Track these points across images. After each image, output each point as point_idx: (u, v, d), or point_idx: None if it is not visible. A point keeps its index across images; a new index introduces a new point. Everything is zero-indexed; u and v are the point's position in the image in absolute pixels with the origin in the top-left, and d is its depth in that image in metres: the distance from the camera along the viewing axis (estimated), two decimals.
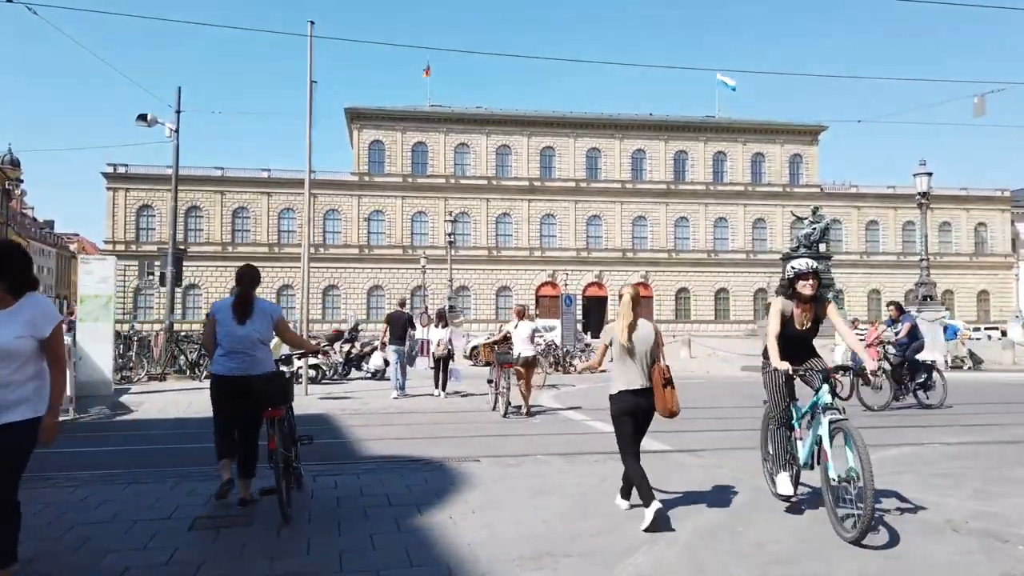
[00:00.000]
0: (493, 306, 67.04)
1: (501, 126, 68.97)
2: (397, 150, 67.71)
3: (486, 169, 68.42)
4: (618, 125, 70.08)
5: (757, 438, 5.93)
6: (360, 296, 66.06)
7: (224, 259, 64.40)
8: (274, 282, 64.96)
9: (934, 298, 24.03)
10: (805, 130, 71.49)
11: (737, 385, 16.74)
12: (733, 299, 69.63)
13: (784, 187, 69.91)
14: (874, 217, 71.82)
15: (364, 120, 67.54)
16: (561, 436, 9.31)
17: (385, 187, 66.88)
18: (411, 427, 10.00)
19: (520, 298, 67.25)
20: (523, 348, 11.48)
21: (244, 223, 65.89)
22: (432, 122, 68.27)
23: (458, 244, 67.69)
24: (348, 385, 16.50)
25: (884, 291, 70.92)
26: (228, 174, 65.61)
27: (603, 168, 69.96)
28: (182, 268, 20.33)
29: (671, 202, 69.80)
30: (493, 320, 63.71)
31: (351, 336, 19.67)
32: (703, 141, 70.70)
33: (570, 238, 68.55)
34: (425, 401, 13.35)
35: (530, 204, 68.51)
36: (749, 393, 13.68)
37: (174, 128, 19.43)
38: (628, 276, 68.70)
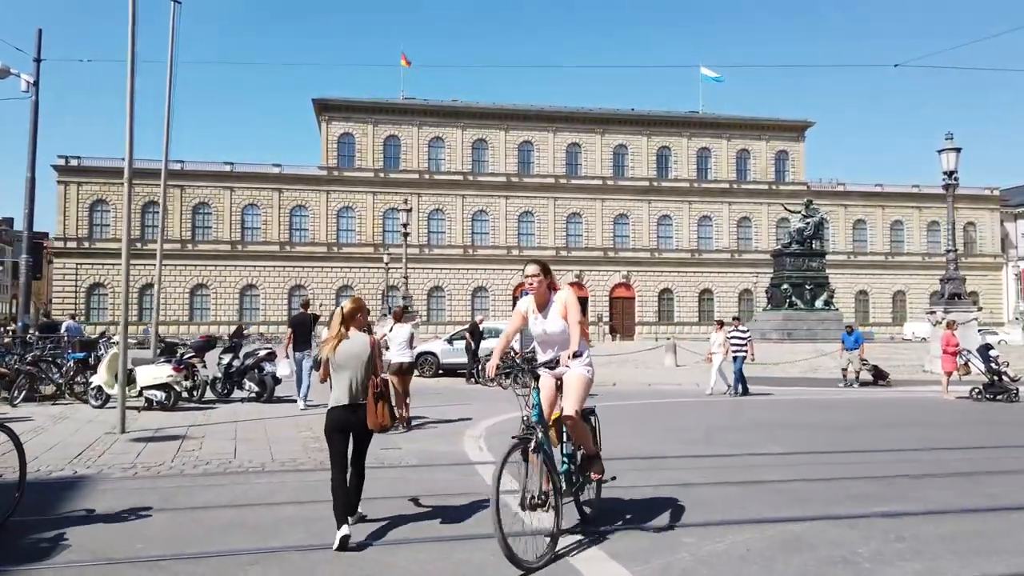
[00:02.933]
0: (469, 307, 64.22)
1: (477, 119, 66.23)
2: (368, 144, 64.72)
3: (461, 164, 65.64)
4: (599, 119, 67.63)
5: None
6: (329, 295, 62.92)
7: (184, 257, 61.15)
8: (237, 282, 61.74)
9: (963, 296, 21.22)
10: (791, 126, 69.51)
11: (737, 405, 13.87)
12: (718, 300, 67.40)
13: (770, 185, 67.83)
14: (861, 216, 69.99)
15: (333, 112, 64.49)
16: None
17: (355, 182, 63.88)
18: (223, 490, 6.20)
19: (497, 300, 64.60)
20: (398, 354, 10.34)
21: (205, 219, 62.53)
22: (405, 114, 65.38)
23: (432, 243, 65.01)
24: (215, 411, 12.09)
25: (872, 292, 69.11)
26: (188, 168, 62.17)
27: (583, 164, 67.46)
28: (42, 258, 16.89)
29: (654, 200, 67.45)
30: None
31: (233, 343, 14.72)
32: (687, 137, 68.44)
33: (549, 237, 65.95)
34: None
35: (507, 201, 65.82)
36: (757, 419, 10.89)
37: (32, 80, 15.57)
38: (609, 276, 66.34)
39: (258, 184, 62.86)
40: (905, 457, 7.38)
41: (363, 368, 5.13)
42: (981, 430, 10.25)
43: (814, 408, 12.58)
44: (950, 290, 21.18)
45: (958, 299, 21.12)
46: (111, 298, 59.90)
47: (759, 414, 11.41)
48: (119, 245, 62.15)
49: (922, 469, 6.70)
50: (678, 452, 7.68)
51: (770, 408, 12.69)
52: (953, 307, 20.93)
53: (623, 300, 66.72)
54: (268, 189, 63.08)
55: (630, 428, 9.48)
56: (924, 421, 11.00)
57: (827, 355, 23.46)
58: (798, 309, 36.46)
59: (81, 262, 59.93)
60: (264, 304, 62.14)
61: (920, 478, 6.21)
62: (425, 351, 20.16)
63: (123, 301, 10.40)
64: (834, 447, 8.08)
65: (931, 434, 9.36)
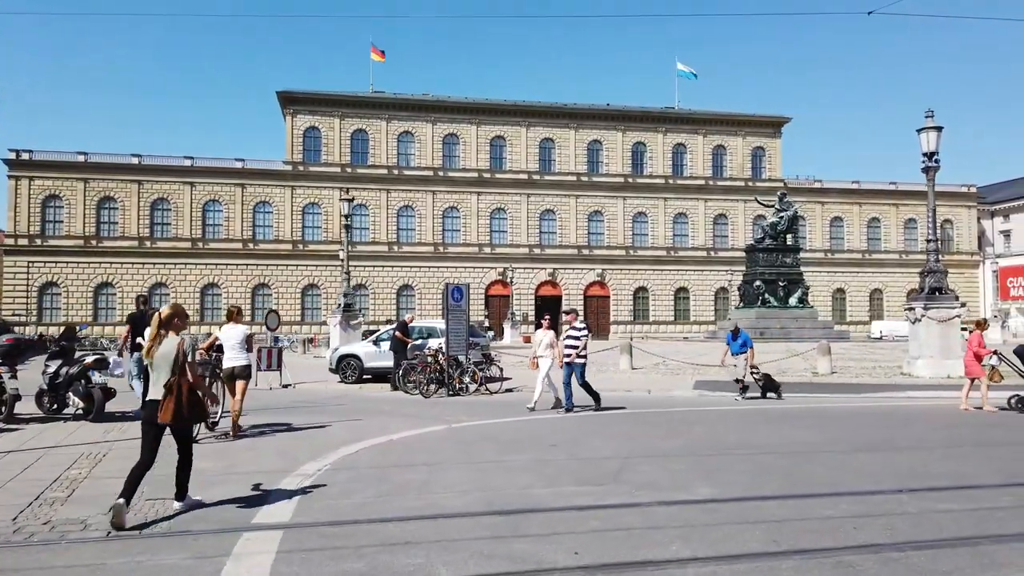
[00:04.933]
0: (440, 307, 62.33)
1: (448, 114, 64.48)
2: (335, 138, 62.74)
3: (432, 160, 63.85)
4: (573, 114, 66.13)
5: None
6: (293, 296, 60.99)
7: (143, 255, 58.89)
8: (198, 281, 59.53)
9: (945, 291, 19.33)
10: (768, 122, 68.47)
11: (688, 416, 11.70)
12: (693, 299, 66.20)
13: (746, 181, 66.71)
14: (838, 213, 69.13)
15: (299, 105, 62.44)
16: None
17: (322, 178, 61.87)
18: None
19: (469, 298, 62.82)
20: (230, 357, 9.63)
21: (164, 216, 60.20)
22: (373, 108, 63.46)
23: (401, 240, 63.17)
24: (21, 433, 9.47)
25: (849, 290, 68.29)
26: (146, 162, 59.93)
27: (557, 160, 65.94)
28: None
29: (629, 196, 66.09)
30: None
31: (62, 347, 12.07)
32: (662, 133, 67.14)
33: (522, 234, 64.35)
34: None
35: (479, 197, 64.14)
36: (697, 440, 9.17)
37: None
38: (583, 275, 64.89)
39: (220, 179, 60.70)
40: (890, 507, 5.28)
41: (170, 367, 5.59)
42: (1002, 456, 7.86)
43: (771, 422, 10.55)
44: (931, 284, 19.32)
45: (940, 294, 19.33)
46: (64, 298, 57.51)
47: (702, 432, 9.39)
48: (75, 243, 60.56)
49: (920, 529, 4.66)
50: (564, 498, 5.54)
51: (718, 423, 10.44)
52: (934, 303, 19.32)
53: (598, 299, 65.29)
54: (230, 185, 60.91)
55: (529, 455, 7.53)
56: (916, 441, 8.81)
57: (799, 355, 22.02)
58: (771, 307, 35.05)
59: (33, 260, 57.43)
60: (227, 304, 59.84)
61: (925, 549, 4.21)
62: (348, 354, 18.28)
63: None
64: (788, 485, 6.06)
65: (925, 461, 7.35)
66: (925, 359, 19.25)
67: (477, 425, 10.13)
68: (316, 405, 12.95)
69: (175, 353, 5.60)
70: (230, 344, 9.68)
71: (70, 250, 57.95)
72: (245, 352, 9.81)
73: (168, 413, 5.45)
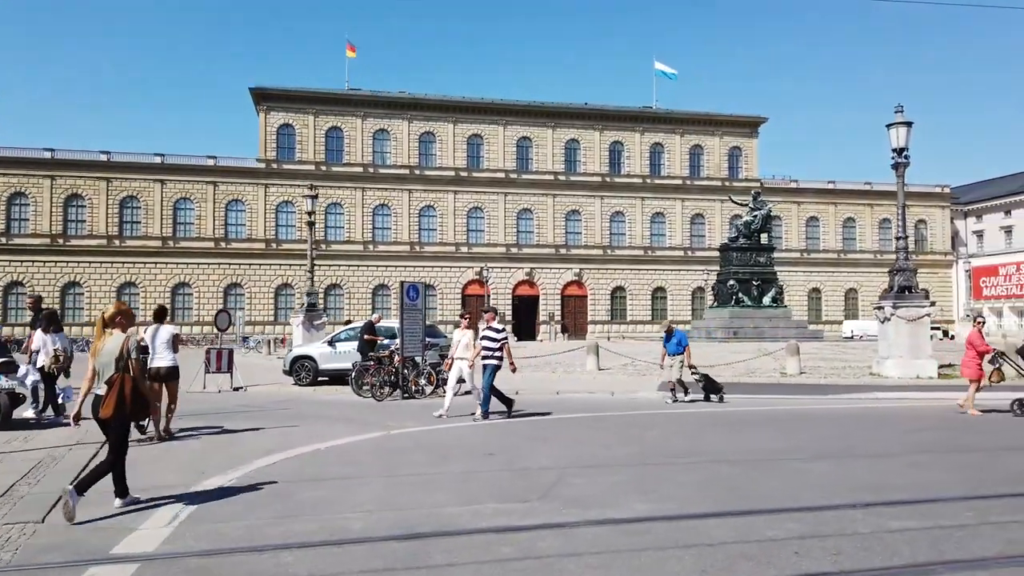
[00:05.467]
0: None
1: (425, 112, 63.82)
2: (309, 135, 61.88)
3: (408, 158, 63.17)
4: (551, 113, 65.76)
5: None
6: (266, 296, 60.03)
7: (111, 254, 57.65)
8: (168, 280, 58.37)
9: (915, 289, 18.89)
10: (745, 122, 68.55)
11: (645, 420, 11.05)
12: (671, 298, 66.09)
13: (723, 181, 66.69)
14: (814, 213, 69.37)
15: (272, 101, 61.47)
16: None
17: (296, 176, 60.88)
18: None
19: (445, 298, 62.30)
20: (158, 358, 9.41)
21: (134, 214, 58.97)
22: (348, 105, 62.65)
23: (377, 239, 62.43)
24: None
25: (824, 290, 68.55)
26: (115, 159, 58.68)
27: (534, 159, 65.53)
28: None
29: (606, 196, 65.84)
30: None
31: None
32: (640, 132, 66.97)
33: (499, 233, 63.86)
34: None
35: (456, 196, 63.56)
36: (648, 446, 8.72)
37: None
38: (561, 274, 64.55)
39: (191, 177, 59.63)
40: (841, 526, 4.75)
41: (115, 364, 5.65)
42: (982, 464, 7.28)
43: (730, 426, 9.98)
44: (900, 282, 18.96)
45: (909, 292, 18.99)
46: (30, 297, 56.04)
47: (655, 438, 8.88)
48: (41, 241, 59.02)
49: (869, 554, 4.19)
50: (481, 518, 4.97)
51: (674, 427, 10.01)
52: (904, 301, 18.96)
53: (575, 299, 64.98)
54: (202, 182, 59.83)
55: (460, 465, 7.04)
56: (879, 447, 8.45)
57: (770, 355, 21.69)
58: (745, 306, 34.77)
59: None
60: (197, 303, 58.93)
61: None
62: (302, 355, 17.59)
63: None
64: (732, 500, 5.55)
65: (886, 471, 6.87)
66: (894, 359, 18.96)
67: (418, 432, 9.61)
68: (261, 409, 12.34)
69: (120, 350, 5.67)
70: (156, 345, 9.50)
71: (36, 249, 56.57)
72: (172, 353, 9.64)
73: (109, 408, 5.51)
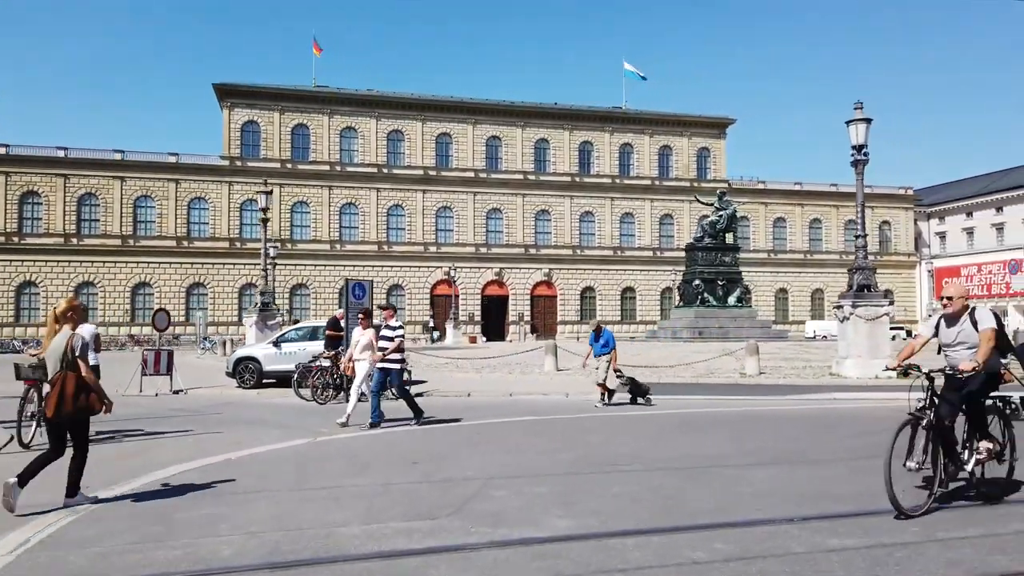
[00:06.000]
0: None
1: (393, 110, 63.05)
2: (274, 132, 60.76)
3: (376, 156, 62.34)
4: (520, 112, 65.36)
5: None
6: (230, 296, 58.78)
7: (69, 253, 55.99)
8: (128, 280, 56.85)
9: (873, 288, 18.71)
10: (713, 123, 68.83)
11: (590, 423, 10.57)
12: (640, 299, 66.09)
13: (691, 182, 66.85)
14: (781, 214, 69.87)
15: (236, 98, 60.23)
16: None
17: (260, 173, 59.42)
18: None
19: (414, 298, 61.59)
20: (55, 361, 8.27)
21: (92, 212, 57.36)
22: (315, 102, 61.66)
23: (344, 238, 61.51)
24: None
25: (791, 290, 69.07)
26: (73, 155, 57.02)
27: (504, 158, 65.08)
28: None
29: (576, 196, 65.63)
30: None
31: None
32: (609, 132, 66.87)
33: (468, 233, 63.30)
34: None
35: (424, 195, 62.86)
36: (585, 451, 8.23)
37: None
38: (530, 274, 64.20)
39: (152, 174, 58.19)
40: (774, 545, 4.39)
41: (59, 361, 5.65)
42: None
43: (679, 429, 9.47)
44: (859, 281, 18.80)
45: (868, 291, 18.89)
46: None
47: (596, 443, 8.37)
48: None
49: None
50: (377, 541, 4.44)
51: (619, 431, 9.50)
52: (863, 301, 18.81)
53: (545, 299, 64.66)
54: (163, 180, 58.41)
55: (376, 477, 6.45)
56: (828, 452, 7.99)
57: (731, 355, 21.44)
58: (710, 306, 34.65)
59: None
60: (159, 304, 57.35)
61: None
62: (245, 356, 16.87)
63: None
64: (661, 515, 5.13)
65: (831, 479, 6.48)
66: (853, 359, 18.79)
67: (349, 438, 9.06)
68: (192, 414, 11.70)
69: (64, 347, 5.61)
70: (54, 346, 8.61)
71: None
72: (93, 354, 8.90)
73: (50, 407, 5.46)
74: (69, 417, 5.52)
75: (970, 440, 5.78)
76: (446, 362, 21.29)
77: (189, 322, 54.99)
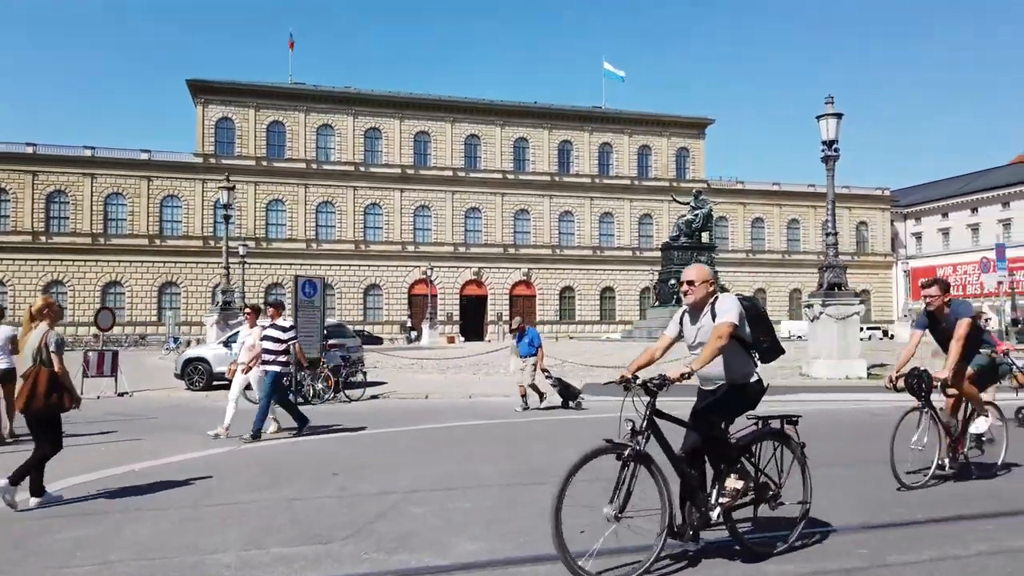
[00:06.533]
0: (361, 306, 60.35)
1: (370, 107, 62.42)
2: (249, 129, 59.92)
3: (353, 154, 61.68)
4: (499, 111, 64.96)
5: None
6: (203, 295, 57.83)
7: (37, 251, 54.89)
8: (99, 279, 55.78)
9: (844, 287, 18.18)
10: (692, 123, 68.82)
11: (540, 428, 10.00)
12: (619, 299, 65.93)
13: (671, 182, 66.80)
14: (760, 214, 70.01)
15: (211, 94, 59.33)
16: None
17: (234, 171, 58.57)
18: None
19: (392, 297, 60.98)
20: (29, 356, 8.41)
21: (62, 209, 56.26)
22: (291, 99, 60.90)
23: (320, 237, 60.78)
24: None
25: (769, 290, 69.19)
26: (42, 151, 55.89)
27: (483, 157, 64.65)
28: None
29: (555, 195, 65.33)
30: (361, 321, 57.13)
31: None
32: (588, 131, 66.65)
33: (446, 232, 62.82)
34: None
35: (402, 194, 62.29)
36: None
37: None
38: (509, 274, 63.82)
39: (123, 171, 57.19)
40: None
41: (31, 358, 5.77)
42: None
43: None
44: (830, 279, 18.45)
45: (838, 290, 18.58)
46: None
47: (540, 451, 7.97)
48: None
49: None
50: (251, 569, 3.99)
51: (568, 437, 8.93)
52: (833, 299, 18.46)
53: (523, 298, 64.31)
54: (135, 177, 57.42)
55: (288, 490, 5.99)
56: None
57: None
58: None
59: None
60: (130, 303, 56.48)
61: None
62: (194, 357, 16.35)
63: None
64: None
65: None
66: (824, 359, 18.53)
67: (272, 445, 8.60)
68: (127, 418, 11.18)
69: (39, 343, 5.74)
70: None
71: None
72: (7, 355, 9.00)
73: (21, 401, 5.63)
74: (37, 413, 5.62)
75: (716, 479, 4.34)
76: (412, 363, 20.83)
77: (161, 322, 54.08)
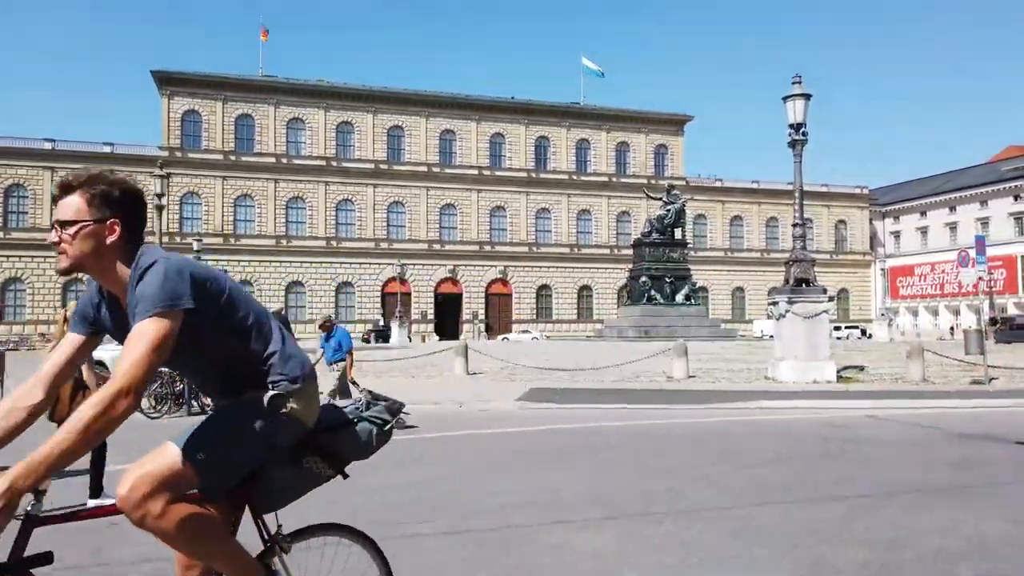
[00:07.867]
0: (332, 305, 58.95)
1: (342, 101, 61.08)
2: (217, 123, 58.38)
3: (324, 149, 60.32)
4: (475, 106, 63.85)
5: None
6: None
7: None
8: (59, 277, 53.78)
9: (812, 282, 16.83)
10: (671, 120, 68.07)
11: (454, 445, 9.28)
12: (597, 297, 65.04)
13: (649, 179, 65.93)
14: (738, 212, 69.39)
15: (176, 86, 57.74)
16: None
17: (201, 165, 57.41)
18: None
19: (364, 297, 59.73)
20: None
21: (21, 204, 54.55)
22: (260, 92, 59.42)
23: (291, 234, 59.39)
24: None
25: (748, 289, 68.61)
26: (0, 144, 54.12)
27: (458, 152, 63.50)
28: None
29: (532, 192, 64.30)
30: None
31: None
32: (566, 127, 65.69)
33: (421, 229, 61.61)
34: None
35: (375, 190, 61.01)
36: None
37: None
38: (485, 272, 62.74)
39: (85, 164, 55.18)
40: None
41: None
42: None
43: (559, 453, 7.93)
44: (797, 274, 17.07)
45: (806, 285, 17.33)
46: None
47: (431, 477, 7.22)
48: None
49: None
50: None
51: (477, 456, 7.93)
52: (800, 296, 17.24)
53: (500, 297, 63.26)
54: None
55: None
56: (707, 496, 6.05)
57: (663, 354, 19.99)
58: (657, 304, 33.44)
59: None
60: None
61: None
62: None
63: None
64: None
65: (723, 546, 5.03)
66: (790, 361, 17.39)
67: None
68: None
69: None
70: None
71: None
72: None
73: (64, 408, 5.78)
74: (64, 419, 4.98)
75: None
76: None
77: None
